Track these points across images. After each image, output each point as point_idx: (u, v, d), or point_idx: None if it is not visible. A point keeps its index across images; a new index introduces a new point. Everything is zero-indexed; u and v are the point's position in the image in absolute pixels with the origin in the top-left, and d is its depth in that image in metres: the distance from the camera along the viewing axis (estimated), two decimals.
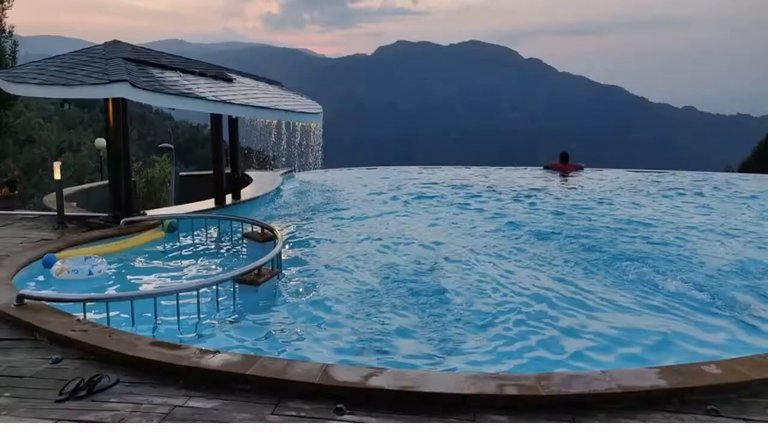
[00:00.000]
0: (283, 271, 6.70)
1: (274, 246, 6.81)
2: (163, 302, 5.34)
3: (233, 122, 11.74)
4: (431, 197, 12.18)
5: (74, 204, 10.54)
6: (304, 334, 5.16)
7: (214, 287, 5.70)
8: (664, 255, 7.66)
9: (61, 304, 4.91)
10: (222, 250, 8.11)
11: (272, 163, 15.57)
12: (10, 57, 21.10)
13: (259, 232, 7.71)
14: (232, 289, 5.86)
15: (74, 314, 4.71)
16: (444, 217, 10.32)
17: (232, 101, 9.52)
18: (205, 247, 8.23)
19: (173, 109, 9.91)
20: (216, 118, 10.81)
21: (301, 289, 6.32)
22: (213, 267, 7.23)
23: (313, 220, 10.13)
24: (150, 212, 9.31)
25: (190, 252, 7.95)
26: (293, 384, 3.45)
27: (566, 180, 14.85)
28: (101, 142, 19.34)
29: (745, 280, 6.65)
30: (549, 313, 5.67)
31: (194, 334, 5.08)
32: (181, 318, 5.20)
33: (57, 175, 8.55)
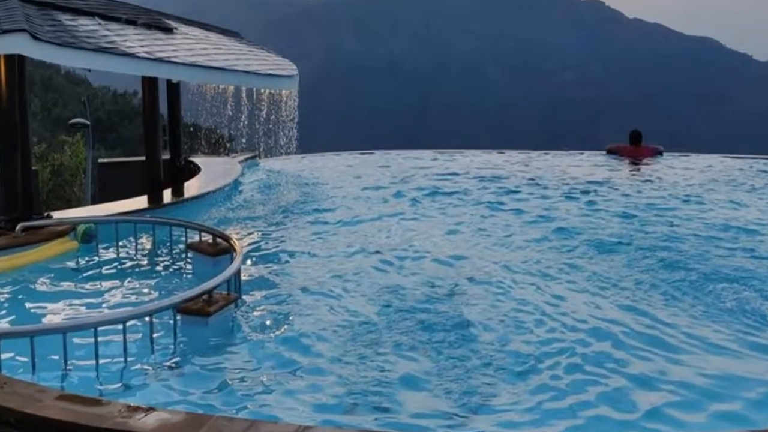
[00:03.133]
0: (243, 297, 6.70)
1: (231, 262, 6.81)
2: (75, 340, 5.33)
3: (173, 89, 11.76)
4: (450, 193, 12.18)
5: None
6: (272, 384, 5.16)
7: (147, 319, 5.71)
8: None
9: None
10: (158, 267, 8.10)
11: (228, 145, 15.60)
12: None
13: (210, 242, 7.72)
14: (171, 322, 5.86)
15: None
16: (468, 222, 10.33)
17: (172, 59, 9.53)
18: (135, 262, 8.22)
19: (90, 70, 9.89)
20: (149, 84, 10.82)
21: (268, 322, 6.31)
22: (145, 291, 7.22)
23: (285, 226, 10.13)
24: (57, 214, 9.30)
25: (114, 269, 7.94)
26: None
27: (638, 169, 14.85)
28: None
29: None
30: (614, 355, 5.67)
31: (119, 385, 5.09)
32: (100, 362, 5.19)
33: None
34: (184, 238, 8.26)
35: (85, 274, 7.72)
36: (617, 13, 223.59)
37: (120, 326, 5.40)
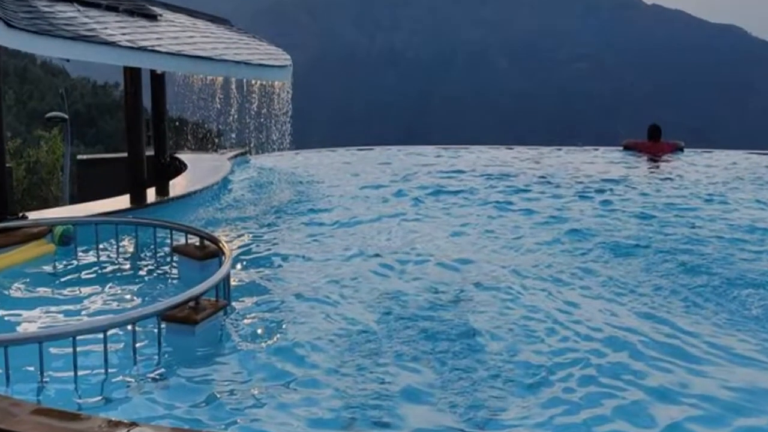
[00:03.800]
0: (233, 304, 6.70)
1: (219, 266, 6.81)
2: (52, 350, 5.33)
3: (158, 80, 11.75)
4: (455, 192, 12.19)
5: None
6: (264, 397, 5.16)
7: (129, 327, 5.71)
8: None
9: None
10: (141, 272, 8.10)
11: (216, 141, 15.60)
12: None
13: (197, 245, 7.72)
14: (156, 331, 5.86)
15: None
16: (474, 223, 10.34)
17: (156, 48, 9.52)
18: (117, 267, 8.23)
19: (68, 59, 9.90)
20: (132, 74, 10.81)
21: (259, 331, 6.32)
22: (128, 297, 7.23)
23: (277, 227, 10.15)
24: (33, 215, 9.31)
25: (94, 274, 7.94)
26: None
27: (657, 166, 14.87)
28: None
29: None
30: (631, 366, 5.67)
31: (99, 398, 5.08)
32: (79, 374, 5.19)
33: None
34: (169, 241, 8.25)
35: (62, 279, 7.72)
36: None
37: (100, 335, 5.39)
